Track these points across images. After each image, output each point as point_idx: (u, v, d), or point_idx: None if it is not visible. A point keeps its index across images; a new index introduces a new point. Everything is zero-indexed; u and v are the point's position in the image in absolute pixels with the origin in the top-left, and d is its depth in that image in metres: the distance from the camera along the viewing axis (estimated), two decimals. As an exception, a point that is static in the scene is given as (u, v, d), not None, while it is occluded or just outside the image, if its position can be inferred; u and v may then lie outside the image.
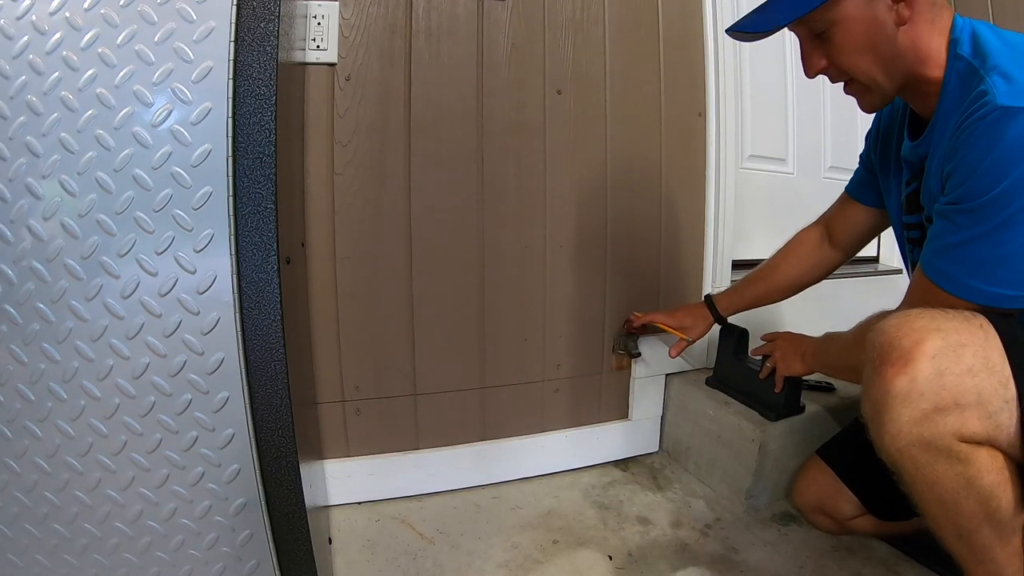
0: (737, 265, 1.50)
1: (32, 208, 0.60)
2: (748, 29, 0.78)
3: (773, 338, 1.14)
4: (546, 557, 1.00)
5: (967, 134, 0.68)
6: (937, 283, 0.72)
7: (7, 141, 0.59)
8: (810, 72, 0.80)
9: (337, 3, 1.05)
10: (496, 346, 1.22)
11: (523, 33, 1.18)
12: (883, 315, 0.74)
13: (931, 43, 0.74)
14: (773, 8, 0.76)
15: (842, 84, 0.80)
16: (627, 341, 1.30)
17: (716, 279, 1.42)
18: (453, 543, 1.04)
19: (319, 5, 1.04)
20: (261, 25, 0.63)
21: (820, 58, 0.78)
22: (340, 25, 1.06)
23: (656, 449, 1.40)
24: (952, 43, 0.73)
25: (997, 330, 0.65)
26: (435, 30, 1.12)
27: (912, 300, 0.75)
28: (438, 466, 1.20)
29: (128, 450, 0.66)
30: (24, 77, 0.59)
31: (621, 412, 1.37)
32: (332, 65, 1.06)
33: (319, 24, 1.04)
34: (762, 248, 1.61)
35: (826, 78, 0.81)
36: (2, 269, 0.61)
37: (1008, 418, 0.63)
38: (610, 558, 1.00)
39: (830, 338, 0.98)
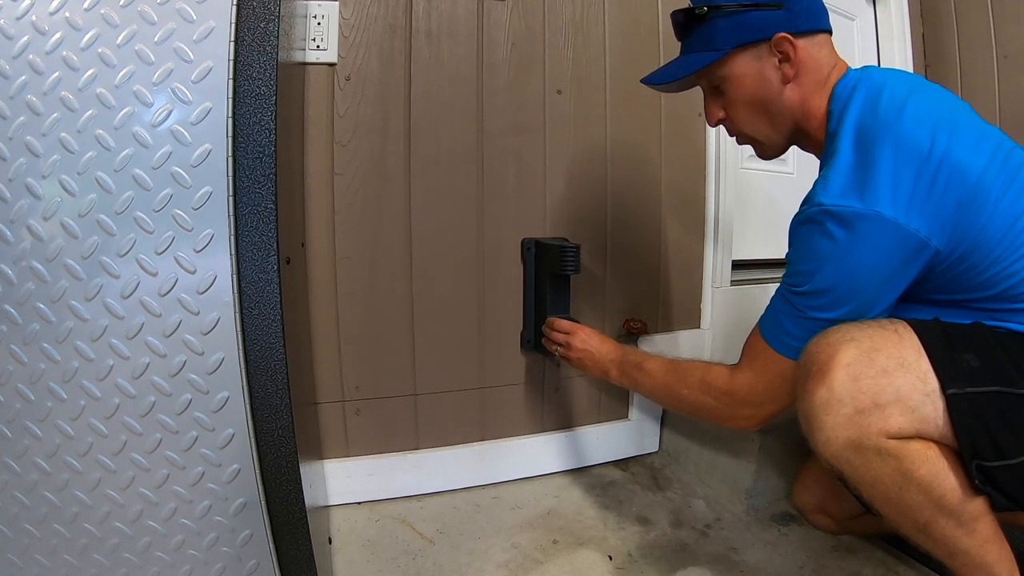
0: (737, 265, 1.50)
1: (32, 208, 0.60)
2: (655, 81, 0.89)
3: (571, 330, 1.08)
4: (546, 557, 1.00)
5: (792, 227, 0.77)
6: (772, 347, 0.80)
7: (7, 141, 0.59)
8: (711, 121, 0.89)
9: (337, 3, 1.05)
10: (496, 346, 1.22)
11: (523, 33, 1.18)
12: (710, 364, 0.89)
13: (813, 102, 0.81)
14: (676, 64, 0.87)
15: (740, 134, 0.89)
16: (627, 342, 1.30)
17: (716, 279, 1.42)
18: (453, 543, 1.04)
19: (319, 5, 1.04)
20: (261, 25, 0.63)
21: (718, 109, 0.87)
22: (340, 25, 1.06)
23: (656, 449, 1.40)
24: (831, 100, 0.80)
25: (915, 331, 0.70)
26: (435, 30, 1.12)
27: (749, 356, 0.84)
28: (438, 466, 1.20)
29: (128, 450, 0.66)
30: (24, 77, 0.59)
31: (621, 412, 1.37)
32: (332, 65, 1.06)
33: (319, 24, 1.04)
34: (762, 248, 1.62)
35: None
36: (2, 269, 0.61)
37: (932, 410, 0.66)
38: (610, 558, 1.00)
39: (640, 365, 0.97)
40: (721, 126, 0.90)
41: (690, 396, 0.89)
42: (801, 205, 0.76)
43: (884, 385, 0.67)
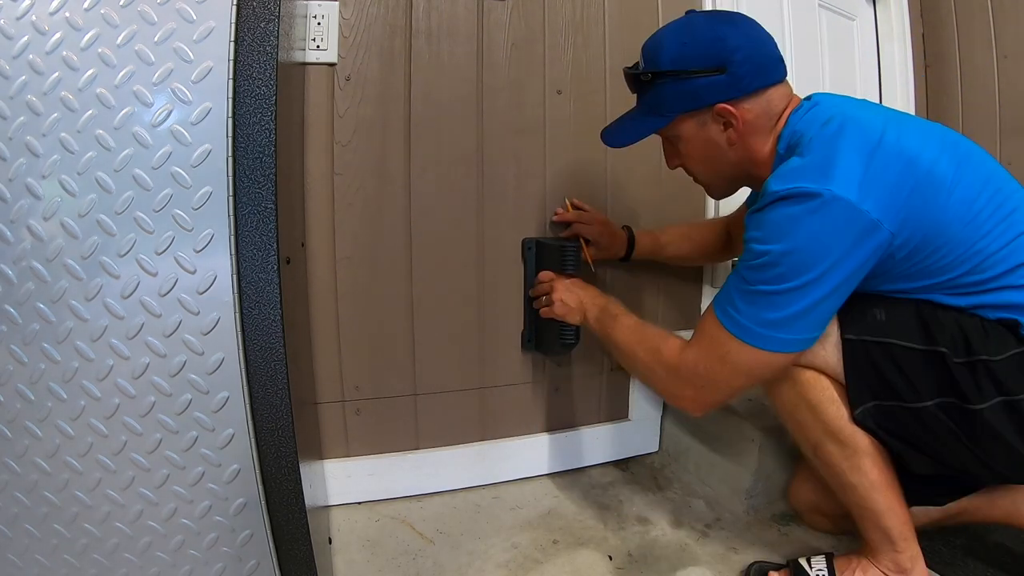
0: (737, 265, 1.50)
1: (32, 208, 0.60)
2: (610, 144, 0.95)
3: (556, 278, 1.09)
4: (546, 557, 1.00)
5: (747, 216, 0.79)
6: (721, 322, 0.79)
7: (7, 141, 0.59)
8: (670, 166, 0.96)
9: (337, 3, 1.05)
10: (496, 346, 1.22)
11: (523, 33, 1.18)
12: (670, 335, 0.88)
13: (764, 149, 0.84)
14: (626, 129, 0.92)
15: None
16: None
17: (716, 280, 1.42)
18: (453, 543, 1.04)
19: (319, 5, 1.04)
20: (261, 25, 0.63)
21: (675, 159, 0.93)
22: (340, 25, 1.06)
23: (656, 449, 1.40)
24: (779, 140, 0.83)
25: None
26: (435, 30, 1.12)
27: (702, 331, 0.83)
28: (438, 466, 1.20)
29: (128, 450, 0.66)
30: (24, 77, 0.59)
31: (621, 412, 1.37)
32: (332, 65, 1.06)
33: (319, 24, 1.04)
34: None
35: None
36: (2, 269, 0.61)
37: (821, 350, 0.79)
38: (610, 558, 1.00)
39: (617, 317, 0.96)
40: None
41: (644, 359, 0.89)
42: (759, 199, 0.78)
43: None
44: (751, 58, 0.79)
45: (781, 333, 0.74)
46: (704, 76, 0.79)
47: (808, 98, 0.84)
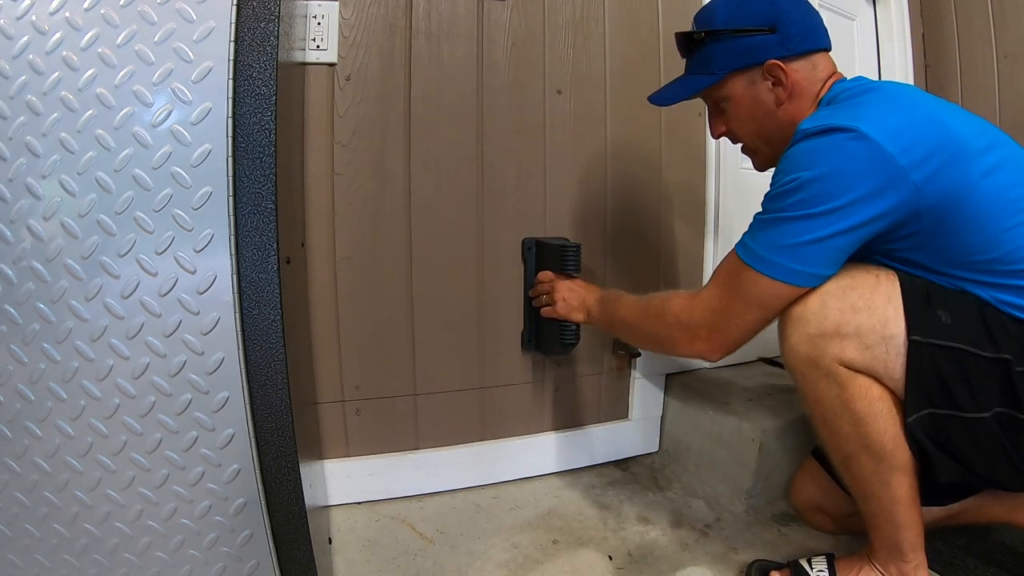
0: (737, 265, 1.50)
1: (32, 208, 0.60)
2: (659, 102, 0.94)
3: (556, 278, 1.11)
4: (546, 557, 1.00)
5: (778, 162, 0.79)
6: (736, 253, 0.80)
7: (7, 141, 0.59)
8: (714, 134, 0.94)
9: (337, 3, 1.05)
10: (496, 346, 1.22)
11: (523, 33, 1.18)
12: (674, 292, 0.89)
13: (807, 114, 0.83)
14: (677, 85, 0.92)
15: (742, 144, 0.94)
16: (624, 350, 1.30)
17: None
18: (453, 543, 1.04)
19: (319, 5, 1.04)
20: (261, 25, 0.63)
21: (721, 124, 0.92)
22: (340, 25, 1.06)
23: (656, 449, 1.40)
24: (819, 106, 0.84)
25: (900, 281, 0.75)
26: (435, 30, 1.12)
27: (718, 269, 0.84)
28: (438, 466, 1.20)
29: (128, 450, 0.66)
30: (24, 77, 0.59)
31: (621, 412, 1.37)
32: (332, 65, 1.06)
33: (319, 24, 1.04)
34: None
35: None
36: (2, 269, 0.61)
37: (884, 352, 0.74)
38: (610, 558, 1.00)
39: (619, 298, 0.98)
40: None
41: (654, 318, 0.89)
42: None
43: (849, 319, 0.74)
44: (800, 21, 0.83)
45: (790, 262, 0.74)
46: (756, 35, 0.82)
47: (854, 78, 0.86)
